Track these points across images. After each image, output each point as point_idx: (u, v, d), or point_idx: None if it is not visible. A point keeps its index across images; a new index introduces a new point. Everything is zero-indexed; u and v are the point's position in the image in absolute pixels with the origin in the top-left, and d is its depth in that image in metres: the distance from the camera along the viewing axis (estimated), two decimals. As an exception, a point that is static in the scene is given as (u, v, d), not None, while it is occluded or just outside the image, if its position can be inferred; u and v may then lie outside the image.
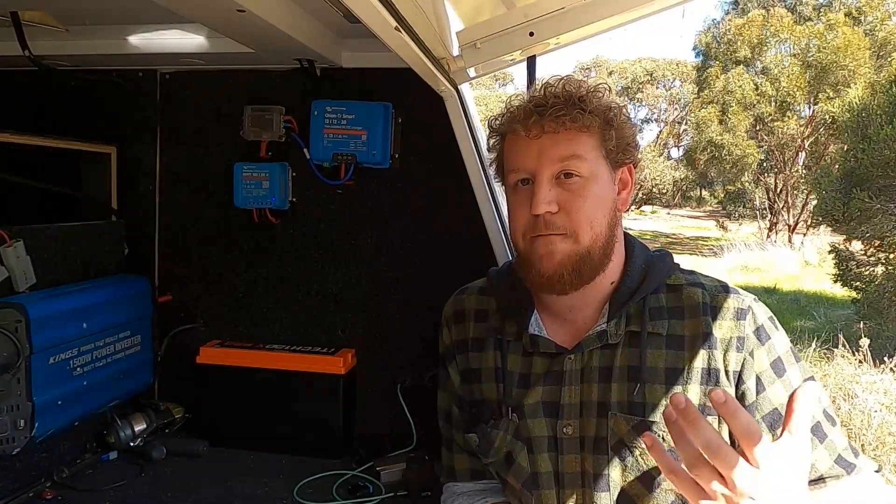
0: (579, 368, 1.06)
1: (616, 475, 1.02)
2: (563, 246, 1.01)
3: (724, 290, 1.07)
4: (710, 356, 1.01)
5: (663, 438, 0.99)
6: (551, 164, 1.01)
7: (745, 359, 1.01)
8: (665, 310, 1.06)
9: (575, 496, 1.04)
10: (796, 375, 1.03)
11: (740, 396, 1.01)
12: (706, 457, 0.72)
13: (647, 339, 1.03)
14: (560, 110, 1.00)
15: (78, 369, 1.55)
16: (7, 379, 1.38)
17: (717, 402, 0.72)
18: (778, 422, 1.00)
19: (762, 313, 1.04)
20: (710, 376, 1.01)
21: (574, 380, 1.05)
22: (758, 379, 1.01)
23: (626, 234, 1.13)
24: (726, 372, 1.01)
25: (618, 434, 1.01)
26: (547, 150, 1.01)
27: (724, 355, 1.01)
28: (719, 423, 1.00)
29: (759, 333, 1.02)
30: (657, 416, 1.00)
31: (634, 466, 1.01)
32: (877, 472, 1.03)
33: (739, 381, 1.01)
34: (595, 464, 1.02)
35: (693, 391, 1.01)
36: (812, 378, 1.04)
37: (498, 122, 1.10)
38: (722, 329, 1.02)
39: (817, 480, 1.00)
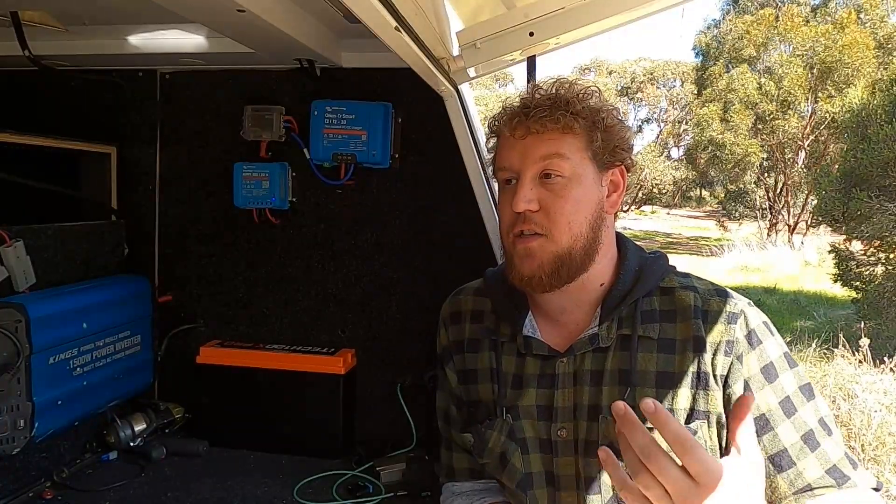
0: (571, 371, 1.06)
1: (608, 478, 1.01)
2: (540, 249, 1.02)
3: (717, 293, 1.06)
4: (699, 360, 1.01)
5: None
6: (534, 164, 1.02)
7: (732, 363, 1.00)
8: (657, 313, 1.05)
9: (569, 498, 1.05)
10: (790, 381, 1.01)
11: (726, 400, 1.00)
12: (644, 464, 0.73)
13: (638, 343, 1.03)
14: (543, 112, 1.02)
15: (78, 369, 1.56)
16: (7, 379, 1.38)
17: (647, 412, 0.73)
18: (765, 427, 0.99)
19: (755, 317, 1.04)
20: (700, 380, 1.00)
21: (567, 383, 1.05)
22: (745, 384, 0.99)
23: (619, 236, 1.12)
24: (714, 376, 1.00)
25: (609, 438, 1.01)
26: (530, 149, 1.03)
27: (713, 358, 1.00)
28: (708, 427, 1.00)
29: (750, 338, 1.01)
30: (647, 423, 0.99)
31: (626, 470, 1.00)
32: (875, 489, 1.00)
33: (726, 385, 1.00)
34: (586, 466, 1.02)
35: (683, 395, 1.00)
36: (809, 385, 1.02)
37: (492, 122, 1.12)
38: (712, 333, 1.01)
39: (804, 490, 0.99)
